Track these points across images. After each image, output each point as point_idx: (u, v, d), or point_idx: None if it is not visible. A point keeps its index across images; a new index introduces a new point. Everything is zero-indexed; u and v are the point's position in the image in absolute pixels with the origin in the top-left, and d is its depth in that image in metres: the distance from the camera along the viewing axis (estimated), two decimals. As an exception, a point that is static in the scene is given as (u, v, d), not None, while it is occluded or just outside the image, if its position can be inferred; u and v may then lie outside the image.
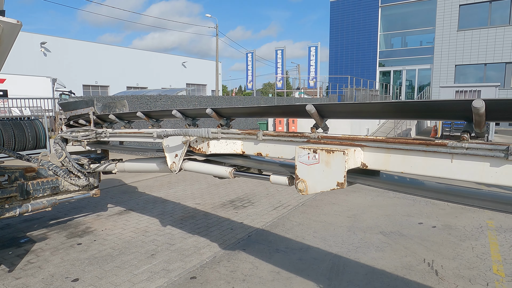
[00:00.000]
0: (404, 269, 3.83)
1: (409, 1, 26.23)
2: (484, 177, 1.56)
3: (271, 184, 2.44)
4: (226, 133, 2.61)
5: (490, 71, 23.96)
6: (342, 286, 3.47)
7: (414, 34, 27.78)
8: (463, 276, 3.66)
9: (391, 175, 2.16)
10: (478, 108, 1.46)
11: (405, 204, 6.22)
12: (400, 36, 28.88)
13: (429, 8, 25.54)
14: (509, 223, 5.27)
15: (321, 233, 4.88)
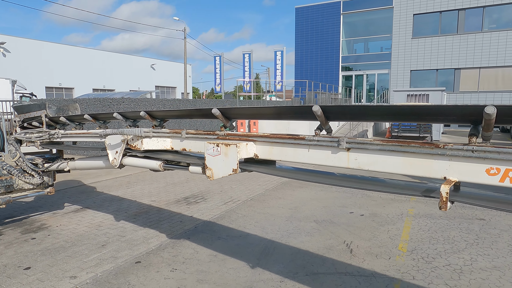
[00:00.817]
0: (325, 249, 4.45)
1: (368, 9, 27.69)
2: (329, 161, 2.15)
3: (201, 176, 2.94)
4: (157, 132, 3.09)
5: (442, 76, 25.77)
6: (269, 264, 4.03)
7: (374, 41, 29.31)
8: (372, 253, 4.33)
9: (285, 165, 2.73)
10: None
11: (343, 197, 6.92)
12: (363, 42, 30.36)
13: (386, 16, 27.08)
14: (426, 210, 6.07)
15: (261, 223, 5.44)
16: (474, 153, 1.65)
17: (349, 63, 29.62)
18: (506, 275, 3.75)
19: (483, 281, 3.64)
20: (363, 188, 2.06)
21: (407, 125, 13.77)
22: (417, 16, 25.96)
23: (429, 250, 4.39)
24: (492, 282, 3.61)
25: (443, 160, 1.74)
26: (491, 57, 23.79)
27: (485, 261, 4.11)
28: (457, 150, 1.69)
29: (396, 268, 3.91)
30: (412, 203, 6.50)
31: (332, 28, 29.10)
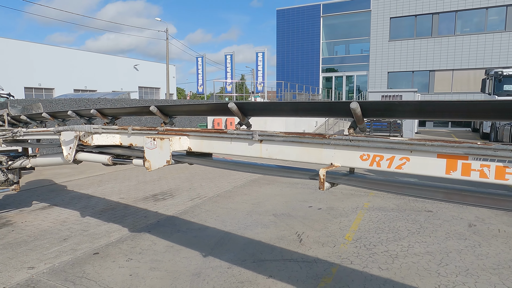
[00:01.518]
0: (277, 239, 4.75)
1: (346, 12, 28.32)
2: (246, 152, 2.43)
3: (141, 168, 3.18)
4: (106, 129, 3.32)
5: (417, 77, 26.59)
6: (221, 253, 4.29)
7: (354, 43, 29.98)
8: (319, 242, 4.65)
9: (220, 158, 3.01)
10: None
11: (306, 193, 7.25)
12: (343, 44, 31.00)
13: (364, 19, 27.77)
14: (381, 204, 6.45)
15: (222, 217, 5.71)
16: (351, 142, 1.96)
17: (329, 65, 30.20)
18: (436, 259, 4.12)
19: (413, 264, 4.00)
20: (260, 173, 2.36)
21: (379, 125, 14.28)
22: (394, 20, 26.73)
23: (372, 239, 4.74)
24: (421, 265, 3.97)
25: (329, 149, 2.05)
26: (463, 60, 24.71)
27: (420, 247, 4.47)
28: (339, 140, 2.00)
29: (338, 255, 4.24)
30: (370, 197, 6.87)
31: (312, 30, 29.63)
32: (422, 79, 26.42)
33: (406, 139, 1.79)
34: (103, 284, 3.51)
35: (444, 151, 1.68)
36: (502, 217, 5.65)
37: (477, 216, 5.73)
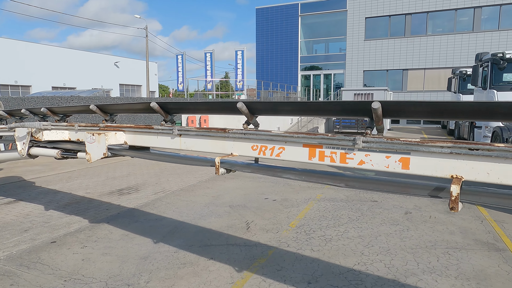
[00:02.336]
0: (227, 227, 5.15)
1: (323, 12, 28.91)
2: (169, 144, 2.81)
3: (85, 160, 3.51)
4: (56, 125, 3.64)
5: (392, 76, 27.44)
6: (171, 239, 4.67)
7: (331, 42, 30.63)
8: (265, 229, 5.08)
9: (158, 151, 3.37)
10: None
11: (266, 187, 7.68)
12: (323, 43, 31.62)
13: (341, 19, 28.43)
14: (333, 195, 6.93)
15: (181, 208, 6.07)
16: (245, 135, 2.36)
17: (308, 63, 30.78)
18: (364, 241, 4.60)
19: (343, 246, 4.46)
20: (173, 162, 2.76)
21: (347, 122, 14.86)
22: (369, 19, 27.47)
23: (314, 226, 5.20)
24: (350, 247, 4.44)
25: (229, 141, 2.45)
26: (434, 59, 25.66)
27: (355, 232, 4.96)
28: (235, 134, 2.40)
29: (278, 240, 4.67)
30: (324, 190, 7.36)
31: (291, 29, 30.12)
32: (396, 77, 27.28)
33: (282, 132, 2.21)
34: (55, 268, 3.84)
35: (307, 142, 2.10)
36: (437, 206, 6.22)
37: (416, 205, 6.28)
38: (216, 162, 2.33)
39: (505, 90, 10.96)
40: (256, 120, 2.38)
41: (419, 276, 3.69)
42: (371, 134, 1.90)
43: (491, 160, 1.58)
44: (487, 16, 24.62)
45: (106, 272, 3.77)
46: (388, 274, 3.72)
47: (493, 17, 24.30)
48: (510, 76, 11.22)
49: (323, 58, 30.50)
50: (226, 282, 3.55)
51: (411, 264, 3.95)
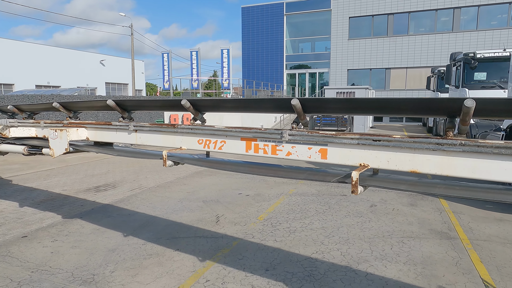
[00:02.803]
0: (197, 220, 5.33)
1: (308, 11, 29.23)
2: (126, 139, 2.98)
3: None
4: (22, 122, 3.77)
5: (375, 75, 27.94)
6: (141, 233, 4.83)
7: (316, 41, 30.97)
8: (234, 222, 5.28)
9: (123, 147, 3.53)
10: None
11: (242, 182, 7.88)
12: (307, 42, 31.94)
13: (325, 18, 28.78)
14: (305, 190, 7.17)
15: (155, 204, 6.23)
16: (192, 130, 2.55)
17: (293, 62, 31.08)
18: (326, 232, 4.85)
19: (306, 236, 4.70)
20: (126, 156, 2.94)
21: (328, 120, 15.18)
22: (353, 19, 27.89)
23: (281, 218, 5.42)
24: (312, 237, 4.68)
25: (178, 136, 2.64)
26: (415, 58, 26.22)
27: (319, 223, 5.20)
28: (183, 129, 2.59)
29: (244, 231, 4.88)
30: (297, 185, 7.59)
31: (276, 28, 30.35)
32: (379, 76, 27.79)
33: (223, 127, 2.41)
34: (24, 260, 3.97)
35: (243, 135, 2.31)
36: (402, 199, 6.51)
37: (382, 198, 6.57)
38: (164, 155, 2.52)
39: (476, 89, 11.49)
40: (203, 116, 2.57)
41: (370, 262, 3.94)
42: (297, 128, 2.12)
43: (390, 150, 1.81)
44: (466, 16, 25.28)
45: (73, 263, 3.92)
46: (342, 261, 3.97)
47: (472, 17, 24.97)
48: (481, 75, 11.75)
49: (308, 57, 30.83)
50: (188, 271, 3.74)
51: (366, 252, 4.20)
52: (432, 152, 1.71)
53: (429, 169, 1.73)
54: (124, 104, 2.94)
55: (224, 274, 3.67)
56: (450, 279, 3.57)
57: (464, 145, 1.62)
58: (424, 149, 1.72)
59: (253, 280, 3.54)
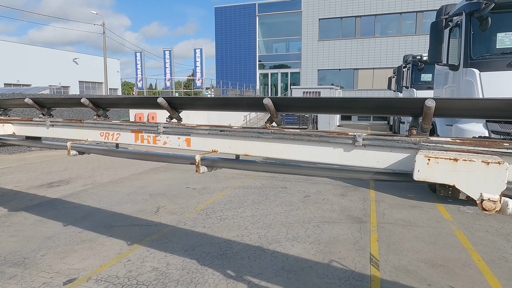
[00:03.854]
0: (137, 211, 5.72)
1: (280, 12, 29.85)
2: (45, 134, 3.36)
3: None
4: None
5: (344, 75, 28.85)
6: (81, 223, 5.18)
7: (288, 42, 31.63)
8: (172, 212, 5.70)
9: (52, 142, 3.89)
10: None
11: (194, 177, 8.29)
12: (279, 42, 32.56)
13: (297, 19, 29.47)
14: (250, 183, 7.66)
15: (102, 197, 6.56)
16: (95, 124, 2.96)
17: (266, 62, 31.65)
18: (254, 219, 5.34)
19: (234, 223, 5.17)
20: (49, 147, 3.31)
21: (290, 118, 15.78)
22: (322, 21, 28.69)
23: (217, 208, 5.88)
24: (239, 223, 5.16)
25: (85, 129, 3.05)
26: (381, 59, 27.27)
27: (251, 212, 5.68)
28: (89, 123, 2.99)
29: (178, 220, 5.31)
30: (245, 179, 8.08)
31: (249, 28, 30.82)
32: (348, 76, 28.73)
33: (118, 122, 2.83)
34: (-39, 247, 4.26)
35: (132, 128, 2.74)
36: (336, 190, 7.10)
37: (318, 190, 7.13)
38: (68, 145, 2.92)
39: (423, 89, 12.33)
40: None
41: (281, 243, 4.45)
42: (170, 122, 2.57)
43: (230, 138, 2.29)
44: (429, 20, 26.49)
45: (9, 249, 4.24)
46: (257, 242, 4.46)
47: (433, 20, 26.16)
48: (427, 76, 12.57)
49: (281, 57, 31.47)
50: (114, 253, 4.14)
51: (281, 235, 4.71)
52: (256, 139, 2.20)
53: (255, 152, 2.22)
54: (42, 102, 3.31)
55: (146, 255, 4.09)
56: (343, 254, 4.12)
57: (274, 133, 2.11)
58: (251, 137, 2.21)
59: (170, 259, 3.98)
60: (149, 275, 3.61)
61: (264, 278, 3.56)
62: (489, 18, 5.48)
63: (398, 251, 4.21)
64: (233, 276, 3.60)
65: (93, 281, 3.48)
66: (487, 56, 5.56)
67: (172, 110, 2.54)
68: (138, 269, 3.73)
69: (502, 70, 5.27)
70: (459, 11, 5.91)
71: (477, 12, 5.40)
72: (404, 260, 3.96)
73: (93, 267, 3.77)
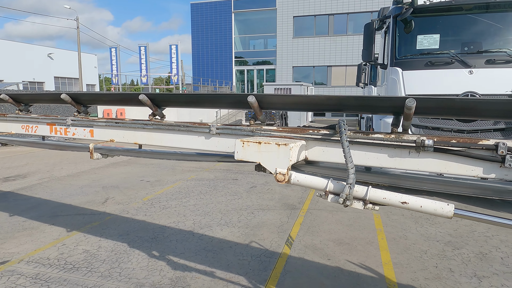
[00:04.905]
0: (86, 202, 6.00)
1: (255, 10, 30.16)
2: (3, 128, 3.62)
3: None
4: None
5: (318, 72, 29.46)
6: (28, 213, 5.43)
7: (264, 38, 31.98)
8: (119, 202, 6.00)
9: None
10: None
11: (151, 171, 8.59)
12: (255, 39, 32.86)
13: (272, 16, 29.84)
14: (204, 176, 8.02)
15: (55, 190, 6.80)
16: (17, 119, 3.26)
17: (242, 58, 31.93)
18: (195, 208, 5.71)
19: (174, 211, 5.53)
20: None
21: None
22: (297, 18, 29.17)
23: (163, 198, 6.22)
24: (178, 211, 5.52)
25: (9, 123, 3.34)
26: (354, 57, 27.97)
27: (194, 201, 6.05)
28: (12, 117, 3.29)
29: (122, 209, 5.63)
30: (201, 172, 8.43)
31: (225, 25, 31.00)
32: (322, 73, 29.36)
33: (36, 116, 3.14)
34: None
35: (47, 121, 3.06)
36: (283, 181, 7.54)
37: (266, 181, 7.56)
38: (7, 139, 3.22)
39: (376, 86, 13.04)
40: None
41: (212, 227, 4.84)
42: (80, 116, 2.90)
43: (123, 129, 2.65)
44: (398, 19, 27.32)
45: (-50, 237, 4.48)
46: (189, 227, 4.84)
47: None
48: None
49: (257, 54, 31.81)
50: (52, 239, 4.44)
51: (215, 221, 5.11)
52: (143, 130, 2.56)
53: (142, 140, 2.59)
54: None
55: (82, 239, 4.41)
56: (265, 236, 4.55)
57: (154, 125, 2.48)
58: (138, 128, 2.57)
59: (103, 243, 4.32)
60: (78, 256, 3.94)
61: (184, 257, 3.94)
62: (412, 21, 6.06)
63: (315, 232, 4.68)
64: (156, 255, 3.97)
65: (24, 263, 3.79)
66: (409, 56, 6.12)
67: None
68: (70, 252, 4.05)
69: (421, 69, 5.85)
70: (388, 14, 6.45)
71: (400, 15, 5.94)
72: (316, 240, 4.42)
73: (28, 251, 4.07)
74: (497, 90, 5.48)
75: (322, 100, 2.15)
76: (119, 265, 3.73)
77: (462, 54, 5.72)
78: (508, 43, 5.69)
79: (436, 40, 5.90)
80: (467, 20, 5.90)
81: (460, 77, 5.62)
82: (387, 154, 1.82)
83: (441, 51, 5.84)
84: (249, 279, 3.46)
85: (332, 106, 2.16)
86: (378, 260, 3.87)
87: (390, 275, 3.55)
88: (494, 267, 3.72)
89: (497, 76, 5.49)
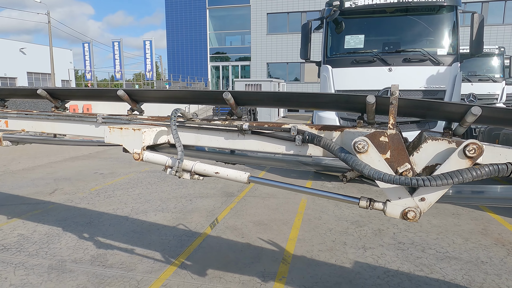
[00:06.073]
0: (34, 193, 6.28)
1: (229, 6, 30.41)
2: None
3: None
4: None
5: (291, 68, 30.02)
6: (-27, 203, 5.68)
7: (239, 35, 32.29)
8: (67, 193, 6.31)
9: None
10: None
11: (109, 164, 8.87)
12: (230, 36, 33.12)
13: (246, 13, 30.16)
14: (159, 168, 8.36)
15: (6, 182, 7.02)
16: None
17: (217, 55, 32.17)
18: (139, 196, 6.08)
19: (118, 200, 5.88)
20: None
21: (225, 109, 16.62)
22: (270, 15, 29.59)
23: (110, 189, 6.56)
24: (121, 200, 5.87)
25: None
26: (325, 54, 28.62)
27: (139, 191, 6.41)
28: None
29: (68, 199, 5.94)
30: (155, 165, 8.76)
31: (199, 21, 31.13)
32: (295, 70, 29.95)
33: None
34: None
35: None
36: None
37: (216, 172, 7.97)
38: None
39: None
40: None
41: (147, 213, 5.24)
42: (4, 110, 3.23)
43: (32, 120, 3.01)
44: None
45: None
46: (126, 213, 5.22)
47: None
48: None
49: (232, 50, 32.10)
50: (-9, 225, 4.74)
51: (152, 208, 5.50)
52: (47, 120, 2.93)
53: (47, 129, 2.96)
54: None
55: (19, 225, 4.73)
56: (193, 220, 4.98)
57: (55, 115, 2.86)
58: (43, 119, 2.94)
59: (39, 227, 4.65)
60: (12, 239, 4.27)
61: (112, 238, 4.33)
62: (342, 22, 6.61)
63: (240, 216, 5.14)
64: (86, 237, 4.34)
65: (-41, 245, 4.09)
66: (339, 55, 6.68)
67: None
68: (5, 235, 4.37)
69: (348, 66, 6.43)
70: (322, 16, 6.97)
71: (329, 17, 6.46)
72: (238, 222, 4.88)
73: (-35, 236, 4.37)
74: (412, 86, 6.07)
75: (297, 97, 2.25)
76: (48, 246, 4.08)
77: (383, 53, 6.29)
78: (423, 43, 6.28)
79: (361, 40, 6.45)
80: (388, 22, 6.47)
81: (381, 74, 6.19)
82: (223, 137, 2.28)
83: (365, 51, 6.40)
84: (164, 254, 3.88)
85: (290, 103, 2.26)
86: (286, 237, 4.36)
87: (290, 248, 4.05)
88: (383, 240, 4.27)
89: (413, 73, 6.08)
